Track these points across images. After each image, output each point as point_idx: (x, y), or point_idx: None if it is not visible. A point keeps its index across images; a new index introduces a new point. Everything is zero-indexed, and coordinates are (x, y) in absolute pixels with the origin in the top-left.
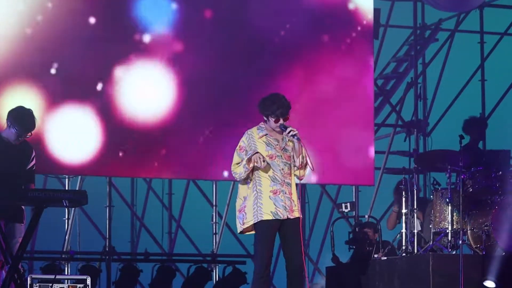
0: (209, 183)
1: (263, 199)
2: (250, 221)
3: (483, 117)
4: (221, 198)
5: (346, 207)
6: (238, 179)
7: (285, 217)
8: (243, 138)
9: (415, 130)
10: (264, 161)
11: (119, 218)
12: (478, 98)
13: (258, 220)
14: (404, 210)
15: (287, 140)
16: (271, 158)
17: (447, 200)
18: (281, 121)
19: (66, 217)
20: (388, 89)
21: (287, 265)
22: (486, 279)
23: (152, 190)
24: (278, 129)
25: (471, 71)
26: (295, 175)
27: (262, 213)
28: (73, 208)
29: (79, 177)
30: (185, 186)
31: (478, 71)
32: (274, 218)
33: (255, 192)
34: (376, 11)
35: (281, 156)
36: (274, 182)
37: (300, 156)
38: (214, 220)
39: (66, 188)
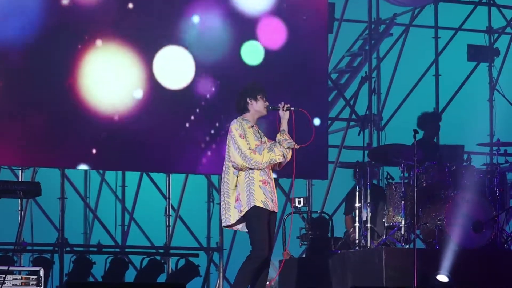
0: (162, 175)
1: (255, 186)
2: (244, 208)
3: (437, 112)
4: (174, 191)
5: (299, 202)
6: (262, 166)
7: (272, 209)
8: (236, 126)
9: (369, 124)
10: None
11: (72, 210)
12: (432, 93)
13: (251, 206)
14: (357, 204)
15: (263, 134)
16: None
17: (401, 194)
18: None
19: (19, 208)
20: (342, 83)
21: None
22: (439, 273)
23: (105, 182)
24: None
25: (425, 66)
26: (283, 160)
27: (254, 199)
28: (25, 200)
29: (32, 168)
30: (138, 178)
31: (432, 66)
32: (264, 207)
33: (247, 179)
34: (331, 5)
35: None
36: (263, 172)
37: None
38: (167, 212)
39: (20, 180)
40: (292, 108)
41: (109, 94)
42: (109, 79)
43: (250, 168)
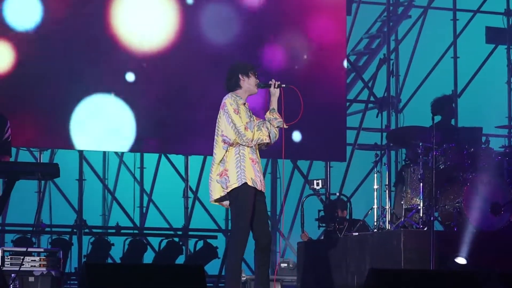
0: (180, 157)
1: (246, 163)
2: (233, 184)
3: (448, 95)
4: (192, 172)
5: (317, 184)
6: (251, 144)
7: (260, 188)
8: (230, 100)
9: (387, 106)
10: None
11: (90, 191)
12: (450, 75)
13: (242, 182)
14: (375, 186)
15: (252, 113)
16: None
17: (419, 176)
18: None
19: (38, 190)
20: (360, 65)
21: (258, 239)
22: (457, 256)
23: (124, 164)
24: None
25: (443, 48)
26: (269, 141)
27: (245, 176)
28: (44, 181)
29: (51, 150)
30: (156, 160)
31: (450, 48)
32: (253, 186)
33: (237, 155)
34: None
35: None
36: (252, 150)
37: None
38: (185, 194)
39: (38, 161)
40: (283, 85)
41: None
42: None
43: (241, 144)
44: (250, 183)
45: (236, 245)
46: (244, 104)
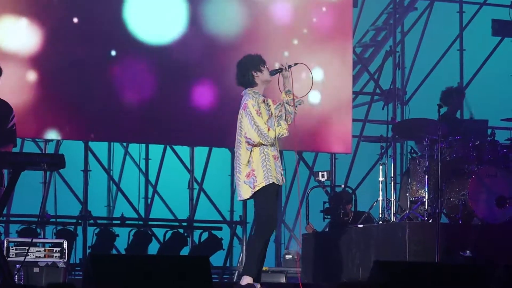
0: (185, 148)
1: (270, 162)
2: (261, 183)
3: (460, 87)
4: (197, 164)
5: (322, 176)
6: (273, 141)
7: (282, 183)
8: (252, 102)
9: (393, 98)
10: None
11: (95, 182)
12: (456, 68)
13: (270, 182)
14: (381, 178)
15: (269, 103)
16: None
17: (424, 168)
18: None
19: (43, 181)
20: (366, 57)
21: None
22: (462, 248)
23: (129, 155)
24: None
25: (449, 40)
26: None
27: (272, 176)
28: (49, 172)
29: (56, 141)
30: (162, 151)
31: (456, 41)
32: (277, 184)
33: (262, 155)
34: None
35: None
36: (273, 147)
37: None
38: (190, 186)
39: (43, 152)
40: (293, 65)
41: None
42: None
43: (264, 144)
44: (276, 182)
45: (263, 234)
46: (264, 101)
